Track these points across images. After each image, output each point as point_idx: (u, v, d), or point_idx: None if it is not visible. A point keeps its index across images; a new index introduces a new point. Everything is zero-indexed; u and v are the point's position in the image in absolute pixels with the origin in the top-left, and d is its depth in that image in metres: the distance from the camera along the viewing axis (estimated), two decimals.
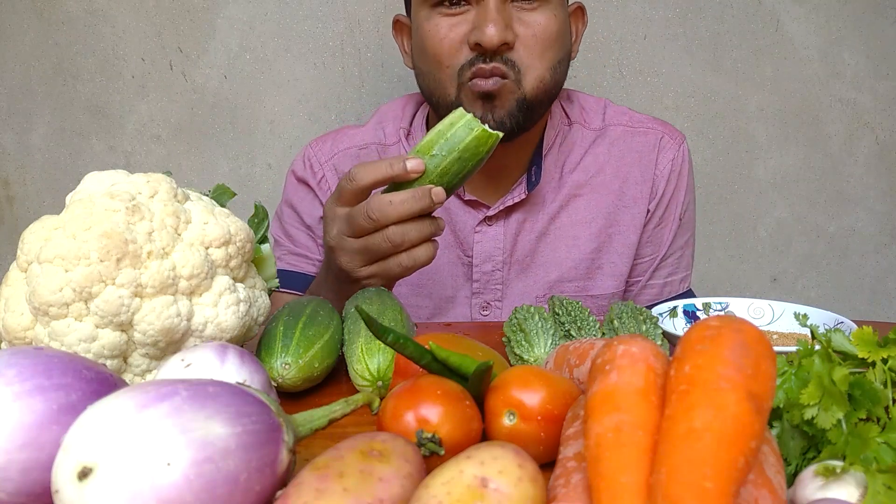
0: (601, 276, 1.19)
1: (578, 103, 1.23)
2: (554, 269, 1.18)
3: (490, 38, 0.99)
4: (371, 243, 0.84)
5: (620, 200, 1.19)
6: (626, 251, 1.19)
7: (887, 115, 1.69)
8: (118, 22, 1.58)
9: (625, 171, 1.19)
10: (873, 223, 1.74)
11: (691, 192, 1.24)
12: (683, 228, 1.23)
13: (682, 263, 1.25)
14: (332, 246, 0.89)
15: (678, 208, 1.21)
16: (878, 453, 0.49)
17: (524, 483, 0.44)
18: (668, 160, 1.20)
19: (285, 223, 1.24)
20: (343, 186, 0.86)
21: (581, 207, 1.18)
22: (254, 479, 0.44)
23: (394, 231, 0.83)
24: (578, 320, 0.82)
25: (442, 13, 1.05)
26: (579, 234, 1.18)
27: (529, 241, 1.18)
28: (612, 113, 1.23)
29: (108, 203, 0.64)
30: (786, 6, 1.63)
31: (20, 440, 0.47)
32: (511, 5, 1.03)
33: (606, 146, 1.20)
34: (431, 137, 0.84)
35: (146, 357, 0.65)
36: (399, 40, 1.19)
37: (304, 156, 1.24)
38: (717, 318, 0.48)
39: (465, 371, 0.58)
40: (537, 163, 1.16)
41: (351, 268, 0.88)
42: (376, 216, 0.82)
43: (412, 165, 0.82)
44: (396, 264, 0.85)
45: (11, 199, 1.67)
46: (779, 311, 0.90)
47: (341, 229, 0.87)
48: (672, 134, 1.22)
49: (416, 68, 1.13)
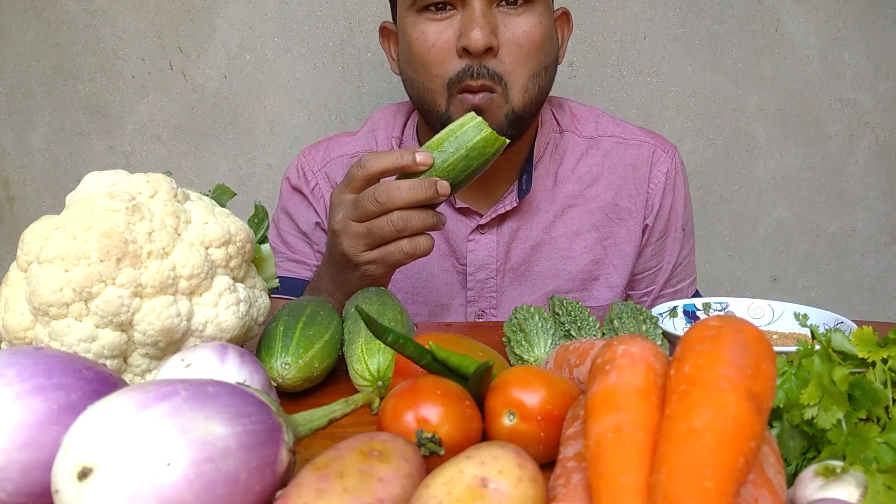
0: (598, 287, 1.20)
1: (570, 111, 1.24)
2: (550, 279, 1.18)
3: (476, 43, 1.00)
4: (375, 226, 0.87)
5: (615, 212, 1.20)
6: (623, 263, 1.20)
7: (887, 115, 1.69)
8: (118, 22, 1.58)
9: (618, 183, 1.20)
10: (873, 223, 1.74)
11: (689, 202, 1.26)
12: (687, 237, 1.25)
13: (688, 269, 1.27)
14: (337, 230, 0.90)
15: (679, 220, 1.23)
16: (878, 453, 0.49)
17: (524, 483, 0.44)
18: (663, 173, 1.21)
19: (282, 231, 1.25)
20: (353, 173, 0.88)
21: (576, 218, 1.19)
22: (254, 479, 0.44)
23: (398, 216, 0.85)
24: (578, 320, 0.82)
25: (428, 18, 1.05)
26: (574, 245, 1.18)
27: (524, 250, 1.18)
28: (604, 123, 1.24)
29: (108, 203, 0.64)
30: (786, 6, 1.63)
31: (20, 440, 0.47)
32: (496, 10, 1.04)
33: (600, 157, 1.21)
34: (442, 135, 0.88)
35: (146, 357, 0.65)
36: (386, 47, 1.20)
37: (298, 164, 1.25)
38: (717, 318, 0.48)
39: (465, 371, 0.58)
40: (528, 170, 1.17)
41: (353, 252, 0.89)
42: (383, 199, 0.85)
43: (421, 158, 0.85)
44: (398, 249, 0.88)
45: (11, 199, 1.67)
46: (779, 311, 0.90)
47: (347, 213, 0.89)
48: (664, 147, 1.23)
49: (403, 74, 1.14)
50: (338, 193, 0.91)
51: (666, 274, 1.23)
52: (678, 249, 1.23)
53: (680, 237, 1.23)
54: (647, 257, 1.22)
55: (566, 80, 1.62)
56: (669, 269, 1.23)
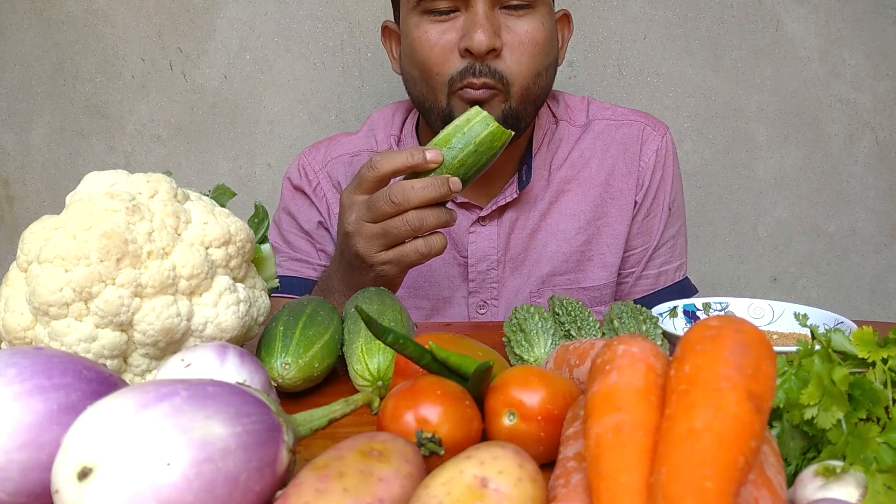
0: (592, 267, 1.20)
1: (563, 102, 1.25)
2: (545, 263, 1.19)
3: (479, 44, 1.01)
4: (390, 227, 0.87)
5: (607, 192, 1.20)
6: (616, 242, 1.20)
7: (887, 115, 1.69)
8: (118, 22, 1.58)
9: (609, 163, 1.21)
10: (873, 223, 1.74)
11: (678, 181, 1.26)
12: (673, 217, 1.25)
13: (675, 252, 1.26)
14: (350, 231, 0.90)
15: (666, 198, 1.23)
16: (878, 453, 0.49)
17: (524, 483, 0.44)
18: (653, 151, 1.22)
19: (283, 230, 1.25)
20: (364, 174, 0.89)
21: (569, 202, 1.20)
22: (254, 479, 0.44)
23: (413, 215, 0.86)
24: (578, 320, 0.82)
25: (431, 19, 1.06)
26: (568, 227, 1.19)
27: (522, 239, 1.19)
28: (595, 108, 1.25)
29: (108, 203, 0.64)
30: (786, 6, 1.63)
31: (20, 440, 0.47)
32: (499, 12, 1.05)
33: (591, 140, 1.22)
34: (449, 131, 0.88)
35: (146, 357, 0.65)
36: (387, 46, 1.21)
37: (299, 164, 1.26)
38: (717, 318, 0.48)
39: (465, 371, 0.58)
40: (528, 162, 1.18)
41: (368, 253, 0.90)
42: (398, 200, 0.85)
43: (431, 156, 0.86)
44: (413, 250, 0.89)
45: (11, 199, 1.67)
46: (779, 311, 0.90)
47: (360, 215, 0.89)
48: (654, 125, 1.24)
49: (404, 74, 1.14)
50: (348, 195, 0.91)
51: (648, 253, 1.23)
52: (662, 228, 1.23)
53: (665, 216, 1.23)
54: (633, 234, 1.22)
55: (566, 80, 1.62)
56: (652, 247, 1.23)
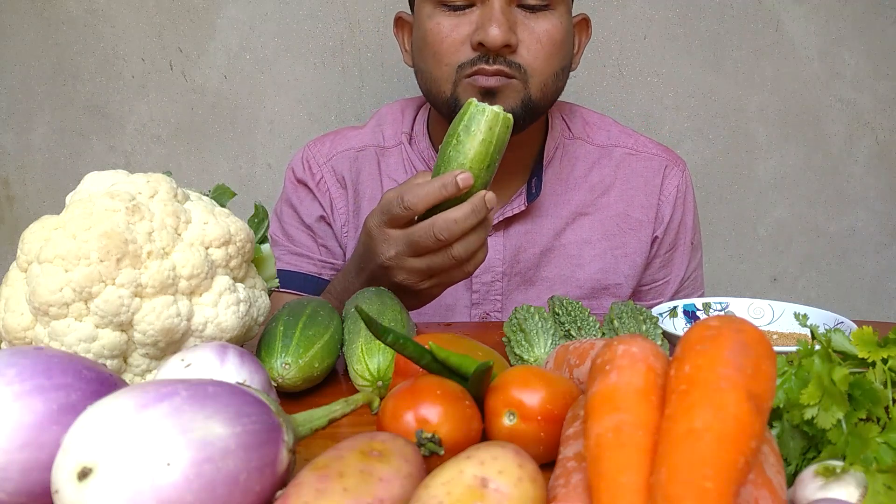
0: (606, 296, 1.20)
1: (581, 117, 1.23)
2: (558, 286, 1.18)
3: (494, 38, 0.98)
4: (435, 262, 0.86)
5: (626, 223, 1.20)
6: (632, 273, 1.20)
7: (887, 115, 1.69)
8: (118, 22, 1.58)
9: (630, 194, 1.20)
10: (873, 223, 1.74)
11: (697, 217, 1.28)
12: (695, 250, 1.26)
13: (696, 284, 1.28)
14: (390, 266, 0.89)
15: (688, 234, 1.24)
16: (878, 453, 0.49)
17: (524, 483, 0.44)
18: (674, 186, 1.22)
19: (284, 223, 1.23)
20: (396, 213, 0.86)
21: (586, 226, 1.18)
22: (254, 479, 0.44)
23: (460, 248, 0.85)
24: (578, 320, 0.82)
25: (445, 12, 1.04)
26: (584, 253, 1.18)
27: (533, 255, 1.17)
28: (616, 133, 1.23)
29: (108, 203, 0.64)
30: (786, 6, 1.63)
31: (20, 440, 0.47)
32: (516, 10, 1.02)
33: (612, 168, 1.21)
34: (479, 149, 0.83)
35: (146, 357, 0.65)
36: (400, 38, 1.18)
37: (303, 157, 1.24)
38: (717, 318, 0.48)
39: (465, 371, 0.58)
40: (538, 174, 1.16)
41: (412, 283, 0.89)
42: (445, 237, 0.83)
43: (463, 181, 0.82)
44: (461, 273, 0.88)
45: (11, 199, 1.67)
46: (779, 311, 0.90)
47: (401, 251, 0.87)
48: (675, 161, 1.24)
49: (415, 66, 1.12)
50: (378, 227, 0.88)
51: (674, 287, 1.24)
52: (686, 263, 1.25)
53: (689, 251, 1.24)
54: (654, 269, 1.23)
55: None
56: (678, 282, 1.24)
